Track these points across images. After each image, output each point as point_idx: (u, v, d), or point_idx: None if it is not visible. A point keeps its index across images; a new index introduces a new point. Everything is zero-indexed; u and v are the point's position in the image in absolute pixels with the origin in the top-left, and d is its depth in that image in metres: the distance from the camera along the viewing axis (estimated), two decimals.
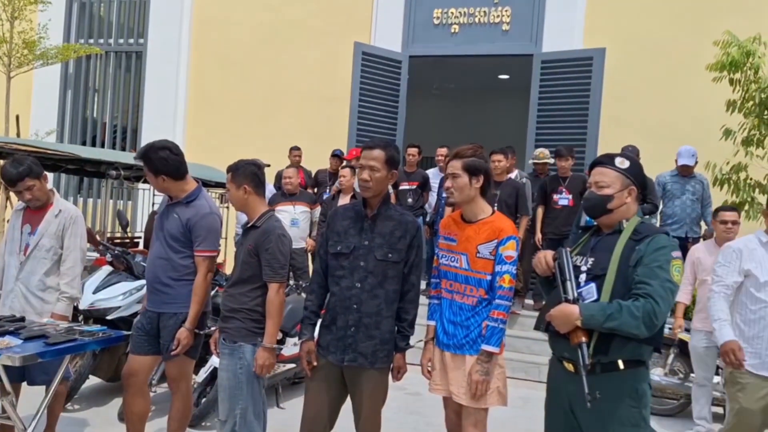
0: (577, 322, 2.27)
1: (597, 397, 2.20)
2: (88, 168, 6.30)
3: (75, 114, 10.83)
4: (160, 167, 3.38)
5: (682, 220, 6.39)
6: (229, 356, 3.18)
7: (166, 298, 3.44)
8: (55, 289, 3.67)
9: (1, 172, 3.73)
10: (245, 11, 9.77)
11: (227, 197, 3.28)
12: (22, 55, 8.33)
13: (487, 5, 8.81)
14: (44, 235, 3.65)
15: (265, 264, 3.15)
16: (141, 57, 10.44)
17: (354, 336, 2.90)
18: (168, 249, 3.43)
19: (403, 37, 9.04)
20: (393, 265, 2.92)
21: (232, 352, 3.18)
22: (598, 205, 2.46)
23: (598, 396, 2.20)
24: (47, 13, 9.02)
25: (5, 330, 3.09)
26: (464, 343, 2.93)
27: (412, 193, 7.35)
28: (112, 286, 4.77)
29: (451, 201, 3.01)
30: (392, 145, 3.01)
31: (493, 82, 12.03)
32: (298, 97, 9.45)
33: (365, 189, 2.92)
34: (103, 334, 3.32)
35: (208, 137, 9.45)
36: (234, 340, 3.18)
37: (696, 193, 6.46)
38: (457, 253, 2.97)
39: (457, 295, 2.97)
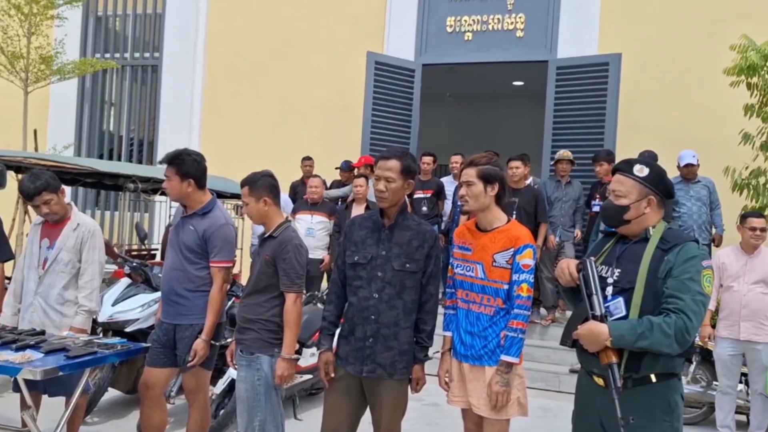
0: (606, 343, 2.18)
1: (631, 421, 2.11)
2: (106, 181, 6.34)
3: (92, 128, 10.95)
4: (191, 169, 3.42)
5: (689, 227, 6.25)
6: (247, 368, 3.17)
7: (181, 309, 3.45)
8: (74, 302, 3.69)
9: (19, 186, 3.77)
10: (258, 23, 9.83)
11: (243, 210, 3.28)
12: (39, 70, 8.42)
13: (501, 12, 8.79)
14: (62, 249, 3.67)
15: (282, 274, 3.15)
16: (156, 70, 10.54)
17: (372, 347, 2.88)
18: (184, 260, 3.44)
19: (416, 46, 9.04)
20: (411, 275, 2.90)
21: (250, 363, 3.17)
22: (615, 215, 2.38)
23: (632, 421, 2.12)
24: (63, 28, 9.13)
25: (26, 344, 3.11)
26: (483, 354, 2.89)
27: (426, 201, 7.33)
28: (130, 298, 4.79)
29: (465, 209, 2.99)
30: (408, 154, 2.99)
31: (508, 89, 11.99)
32: (310, 107, 9.47)
33: (381, 200, 2.91)
34: (121, 347, 3.33)
35: (221, 149, 9.50)
36: (251, 351, 3.18)
37: (701, 198, 6.35)
38: (472, 263, 2.94)
39: (473, 305, 2.94)
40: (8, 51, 8.22)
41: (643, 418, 2.20)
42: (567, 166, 6.92)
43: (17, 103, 8.44)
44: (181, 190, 3.45)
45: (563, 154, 7.02)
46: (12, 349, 3.04)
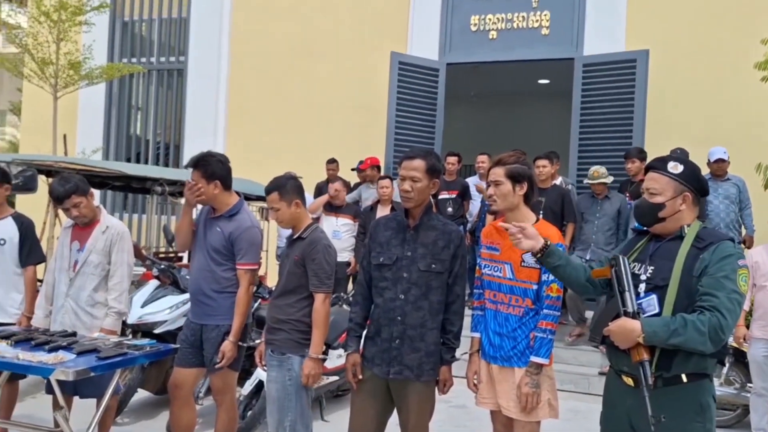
0: (639, 339, 2.14)
1: (662, 419, 2.08)
2: (133, 184, 6.43)
3: (120, 132, 11.11)
4: (217, 170, 3.44)
5: (716, 226, 6.05)
6: (278, 368, 3.19)
7: (208, 310, 3.48)
8: (104, 304, 3.74)
9: (49, 189, 3.83)
10: (281, 24, 9.88)
11: (272, 216, 3.30)
12: (68, 75, 8.57)
13: (526, 10, 8.71)
14: (92, 251, 3.72)
15: (311, 274, 3.17)
16: (182, 74, 10.66)
17: (399, 348, 2.87)
18: (211, 261, 3.47)
19: (440, 45, 9.01)
20: (437, 276, 2.88)
21: (281, 363, 3.18)
22: (649, 213, 2.34)
23: (663, 419, 2.08)
24: (91, 34, 9.28)
25: (58, 345, 3.15)
26: (512, 355, 2.86)
27: (451, 202, 7.29)
28: (159, 300, 4.84)
29: (493, 209, 2.95)
30: (433, 154, 2.97)
31: (533, 87, 11.89)
32: (334, 108, 9.49)
33: (407, 200, 2.89)
34: (151, 348, 3.36)
35: (247, 151, 9.57)
36: (282, 351, 3.19)
37: (730, 197, 6.17)
38: (500, 263, 2.90)
39: (502, 305, 2.90)
40: (38, 57, 8.39)
41: (674, 418, 2.17)
42: (601, 188, 6.33)
43: (47, 109, 8.60)
44: (208, 193, 3.46)
45: (594, 174, 6.31)
46: (45, 350, 3.09)
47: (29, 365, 2.93)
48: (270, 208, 3.26)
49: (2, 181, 3.93)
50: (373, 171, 7.47)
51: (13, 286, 3.94)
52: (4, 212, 3.98)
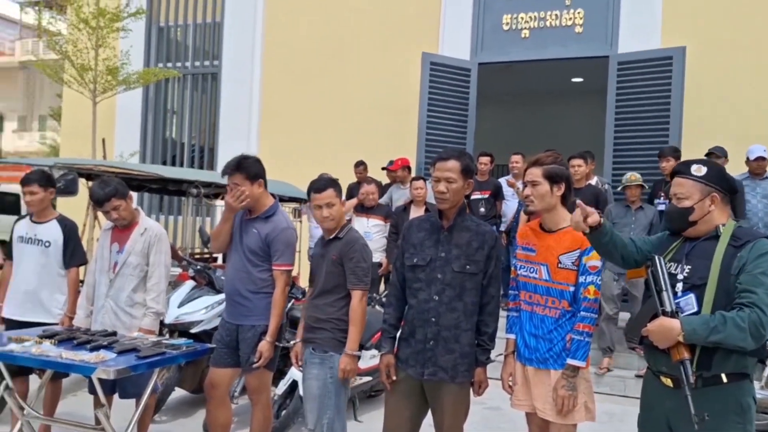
0: (679, 338, 2.14)
1: (706, 418, 2.06)
2: (170, 187, 6.55)
3: (156, 135, 11.31)
4: (258, 170, 3.49)
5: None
6: (320, 365, 3.22)
7: (244, 310, 3.52)
8: (142, 304, 3.81)
9: (90, 193, 3.92)
10: (313, 27, 9.95)
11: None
12: (106, 81, 8.77)
13: (559, 8, 8.62)
14: (131, 253, 3.80)
15: (349, 272, 3.21)
16: (216, 78, 10.80)
17: (433, 349, 2.86)
18: (246, 262, 3.52)
19: (471, 45, 8.96)
20: (471, 277, 2.87)
21: (323, 361, 3.22)
22: (679, 218, 2.36)
23: (706, 417, 2.06)
24: (128, 40, 9.47)
25: (99, 344, 3.22)
26: (548, 357, 2.83)
27: (484, 202, 7.25)
28: (195, 300, 4.92)
29: (530, 209, 2.93)
30: (467, 154, 2.97)
31: (567, 86, 11.75)
32: (365, 109, 9.52)
33: (442, 201, 2.89)
34: (188, 348, 3.41)
35: (279, 153, 9.65)
36: (324, 349, 3.23)
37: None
38: (536, 264, 2.88)
39: (537, 307, 2.88)
40: (78, 63, 8.59)
41: (714, 419, 2.15)
42: (637, 190, 6.12)
43: (86, 113, 8.81)
44: (253, 194, 3.49)
45: (631, 178, 6.15)
46: (87, 349, 3.16)
47: (72, 364, 3.01)
48: (326, 204, 3.24)
49: (48, 186, 4.03)
50: (404, 172, 7.48)
51: (57, 288, 4.04)
52: (49, 215, 4.08)
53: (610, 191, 6.48)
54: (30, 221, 4.07)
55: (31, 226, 4.05)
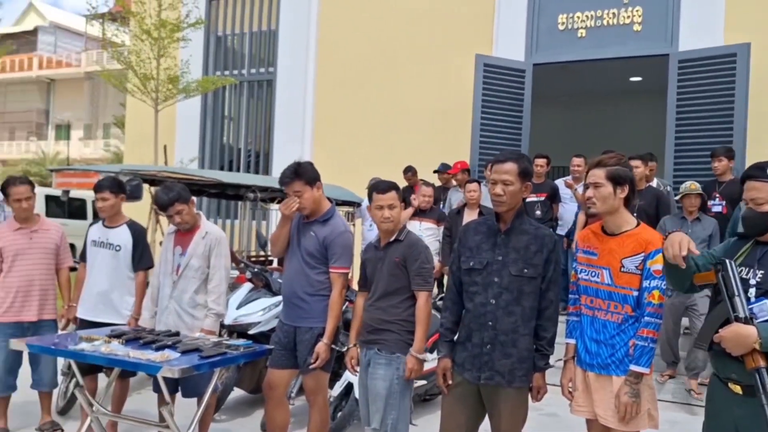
0: (755, 345, 2.07)
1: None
2: (228, 191, 6.71)
3: (214, 141, 11.62)
4: (314, 174, 3.57)
5: None
6: (386, 366, 3.25)
7: (302, 312, 3.57)
8: (204, 306, 3.92)
9: (154, 198, 4.06)
10: (366, 32, 10.03)
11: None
12: (167, 89, 9.08)
13: (617, 6, 8.43)
14: (193, 256, 3.91)
15: (415, 274, 3.24)
16: (271, 85, 11.02)
17: (490, 354, 2.84)
18: (304, 265, 3.57)
19: (526, 46, 8.86)
20: (529, 281, 2.83)
21: (390, 362, 3.25)
22: (760, 224, 2.28)
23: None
24: (188, 49, 9.78)
25: (164, 344, 3.33)
26: (610, 363, 2.76)
27: (540, 205, 7.15)
28: (252, 302, 5.02)
29: (592, 211, 2.87)
30: (524, 156, 2.94)
31: (625, 85, 11.47)
32: (420, 112, 9.53)
33: (499, 204, 2.86)
34: (247, 348, 3.49)
35: (333, 157, 9.77)
36: (392, 351, 3.26)
37: None
38: (598, 268, 2.81)
39: (599, 311, 2.81)
40: (140, 73, 8.92)
41: None
42: (696, 200, 5.68)
43: (149, 121, 9.13)
44: (314, 197, 3.57)
45: (691, 186, 5.69)
46: (152, 348, 3.28)
47: (139, 362, 3.12)
48: (388, 205, 3.29)
49: (118, 192, 4.20)
50: (464, 175, 7.44)
51: (127, 290, 4.19)
52: (119, 220, 4.24)
53: (672, 194, 6.27)
54: (102, 226, 4.24)
55: (103, 230, 4.22)
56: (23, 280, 4.14)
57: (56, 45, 40.83)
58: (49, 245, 4.27)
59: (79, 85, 37.31)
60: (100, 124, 36.83)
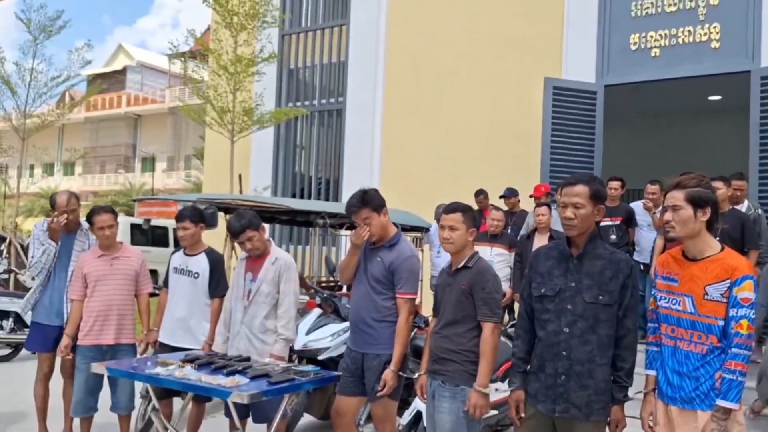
0: None
1: None
2: (298, 218, 6.83)
3: (286, 170, 11.93)
4: (381, 200, 3.57)
5: None
6: (451, 399, 3.15)
7: (369, 338, 3.55)
8: (273, 331, 3.96)
9: (227, 225, 4.17)
10: (434, 58, 10.10)
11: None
12: (242, 121, 9.41)
13: (692, 24, 8.14)
14: (263, 281, 3.98)
15: (481, 303, 3.13)
16: (341, 114, 11.24)
17: (565, 385, 2.72)
18: (371, 290, 3.56)
19: (597, 67, 8.68)
20: (604, 308, 2.71)
21: (454, 395, 3.14)
22: None
23: None
24: (262, 82, 10.13)
25: (234, 369, 3.38)
26: (694, 397, 2.59)
27: (615, 229, 6.89)
28: (321, 327, 5.04)
29: (671, 236, 2.72)
30: (596, 179, 2.84)
31: (703, 104, 11.02)
32: (488, 137, 9.45)
33: (570, 227, 2.77)
34: (315, 374, 3.49)
35: (401, 183, 9.81)
36: (456, 383, 3.15)
37: None
38: (679, 295, 2.66)
39: (681, 342, 2.65)
40: (218, 106, 9.30)
41: None
42: None
43: (225, 152, 9.47)
44: (381, 223, 3.56)
45: None
46: (223, 373, 3.33)
47: (210, 387, 3.18)
48: (448, 227, 3.24)
49: (198, 221, 4.35)
50: (547, 198, 7.29)
51: (204, 316, 4.32)
52: (199, 248, 4.39)
53: (762, 217, 5.87)
54: (183, 254, 4.41)
55: (183, 258, 4.38)
56: (103, 304, 4.32)
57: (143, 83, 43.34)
58: (128, 271, 4.44)
59: (163, 120, 39.36)
60: (182, 156, 38.64)
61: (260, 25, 9.49)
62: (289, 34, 11.87)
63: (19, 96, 10.84)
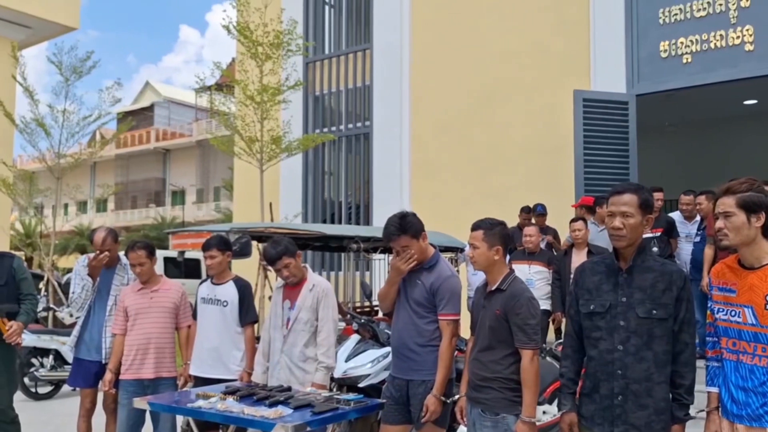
0: None
1: None
2: (331, 243, 6.79)
3: (316, 196, 11.96)
4: (420, 226, 3.47)
5: None
6: (493, 429, 3.04)
7: (413, 365, 3.46)
8: (314, 359, 3.90)
9: (263, 253, 4.15)
10: (459, 77, 10.07)
11: (469, 252, 3.23)
12: (270, 149, 9.47)
13: (724, 27, 7.97)
14: (302, 309, 3.93)
15: (517, 329, 3.01)
16: (368, 138, 11.26)
17: (622, 405, 2.59)
18: (413, 314, 3.47)
19: (626, 77, 8.54)
20: (659, 323, 2.59)
21: (496, 424, 3.03)
22: None
23: None
24: (288, 110, 10.22)
25: (277, 400, 3.32)
26: (762, 414, 2.45)
27: (656, 240, 6.70)
28: (361, 354, 4.95)
29: (724, 244, 2.60)
30: (645, 188, 2.73)
31: (739, 109, 10.78)
32: (518, 152, 9.35)
33: (618, 238, 2.66)
34: (358, 403, 3.41)
35: (432, 203, 9.73)
36: (496, 411, 3.04)
37: None
38: (738, 306, 2.53)
39: (744, 355, 2.51)
40: (246, 136, 9.38)
41: None
42: None
43: (255, 181, 9.53)
44: (421, 248, 3.46)
45: None
46: (266, 405, 3.27)
47: (253, 419, 3.11)
48: (471, 244, 3.16)
49: (225, 249, 4.34)
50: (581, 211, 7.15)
51: (234, 345, 4.27)
52: (226, 277, 4.38)
53: None
54: (210, 283, 4.38)
55: (211, 287, 4.36)
56: (142, 338, 4.31)
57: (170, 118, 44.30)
58: (167, 304, 4.44)
59: (191, 153, 40.10)
60: (210, 188, 39.22)
61: (285, 54, 9.59)
62: (314, 61, 11.98)
63: (52, 137, 11.11)
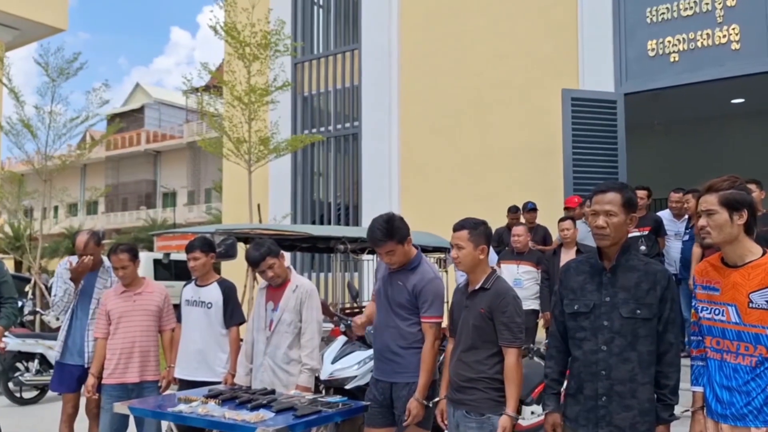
0: None
1: None
2: (319, 245, 6.75)
3: (305, 197, 11.90)
4: (406, 232, 3.42)
5: None
6: (478, 430, 3.01)
7: (396, 367, 3.42)
8: (298, 361, 3.86)
9: (246, 254, 4.10)
10: (448, 78, 10.05)
11: (454, 253, 3.17)
12: (259, 150, 9.41)
13: (710, 26, 7.99)
14: (285, 310, 3.89)
15: (502, 328, 2.99)
16: (356, 138, 11.21)
17: (606, 406, 2.57)
18: (395, 317, 3.43)
19: (615, 76, 8.55)
20: (643, 323, 2.57)
21: (481, 425, 3.01)
22: None
23: None
24: (276, 111, 10.16)
25: (259, 403, 3.27)
26: (746, 413, 2.43)
27: (644, 239, 6.71)
28: (347, 355, 4.92)
29: (707, 242, 2.58)
30: (628, 187, 2.71)
31: (726, 108, 10.81)
32: (507, 153, 9.34)
33: (601, 237, 2.63)
34: (343, 405, 3.36)
35: (421, 204, 9.71)
36: (481, 412, 3.01)
37: None
38: (721, 304, 2.51)
39: (728, 354, 2.49)
40: (234, 137, 9.31)
41: None
42: None
43: (243, 182, 9.47)
44: (405, 252, 3.43)
45: None
46: (248, 408, 3.22)
47: (234, 424, 3.06)
48: (455, 245, 3.12)
49: (208, 251, 4.30)
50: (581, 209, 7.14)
51: (220, 347, 4.23)
52: (210, 278, 4.33)
53: None
54: (194, 285, 4.34)
55: (195, 289, 4.31)
56: (126, 342, 4.26)
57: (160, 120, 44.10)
58: (150, 307, 4.38)
59: (182, 154, 39.91)
60: (201, 189, 39.05)
61: (273, 54, 9.53)
62: (302, 62, 11.93)
63: (39, 138, 11.00)
